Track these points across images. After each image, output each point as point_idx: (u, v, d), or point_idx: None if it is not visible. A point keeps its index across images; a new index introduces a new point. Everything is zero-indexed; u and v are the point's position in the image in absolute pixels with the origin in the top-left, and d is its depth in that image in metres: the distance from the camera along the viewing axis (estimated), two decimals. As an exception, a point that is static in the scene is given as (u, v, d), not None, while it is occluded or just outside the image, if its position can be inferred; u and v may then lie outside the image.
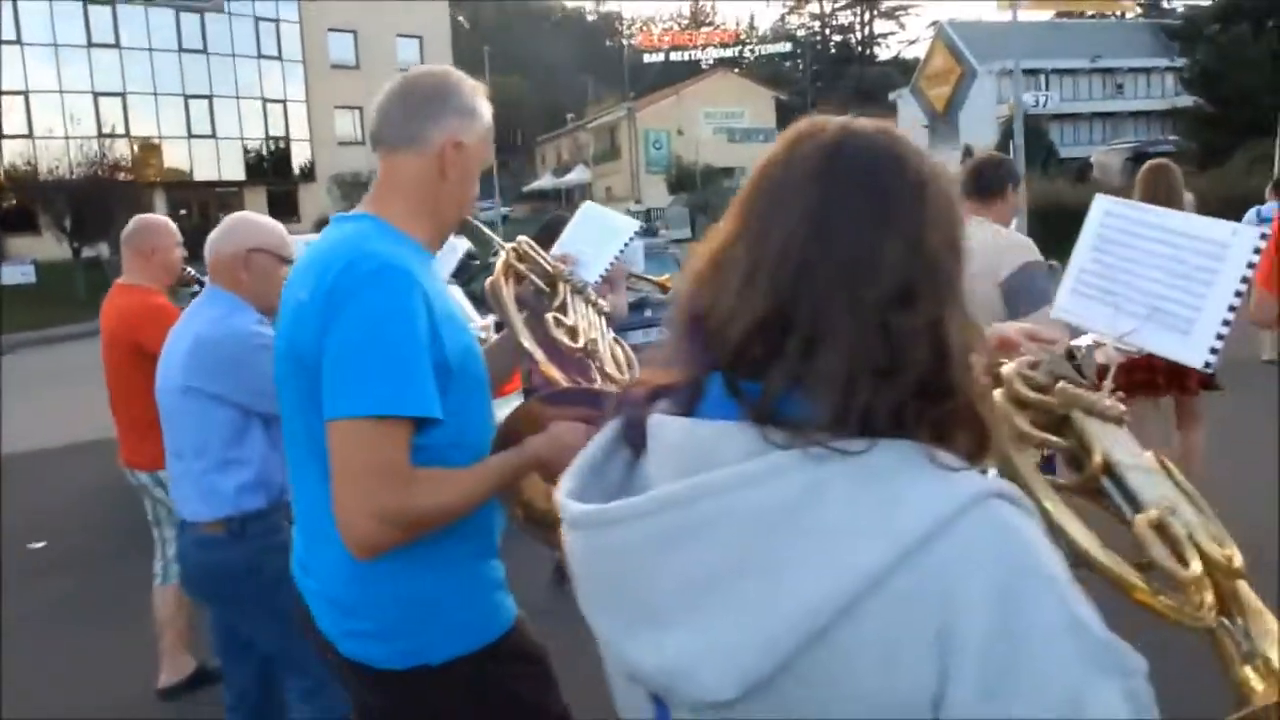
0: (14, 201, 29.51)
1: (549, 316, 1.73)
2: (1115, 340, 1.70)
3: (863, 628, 0.65)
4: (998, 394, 1.05)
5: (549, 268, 1.84)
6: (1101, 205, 2.09)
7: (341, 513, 1.35)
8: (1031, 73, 46.02)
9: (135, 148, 32.57)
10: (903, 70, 51.41)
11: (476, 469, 1.45)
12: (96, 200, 28.50)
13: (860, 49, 66.86)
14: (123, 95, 33.67)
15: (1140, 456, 1.05)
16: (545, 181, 56.85)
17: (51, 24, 32.16)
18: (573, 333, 1.75)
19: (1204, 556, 0.95)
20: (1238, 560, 0.99)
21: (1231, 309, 1.65)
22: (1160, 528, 0.95)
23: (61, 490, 7.07)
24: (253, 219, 2.61)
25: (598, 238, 2.13)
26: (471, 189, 1.56)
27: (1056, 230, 5.52)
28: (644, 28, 69.54)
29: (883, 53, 68.17)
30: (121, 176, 29.61)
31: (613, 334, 1.86)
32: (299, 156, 38.08)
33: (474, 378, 1.50)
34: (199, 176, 35.91)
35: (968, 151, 38.38)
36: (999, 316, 2.89)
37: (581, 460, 0.83)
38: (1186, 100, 34.65)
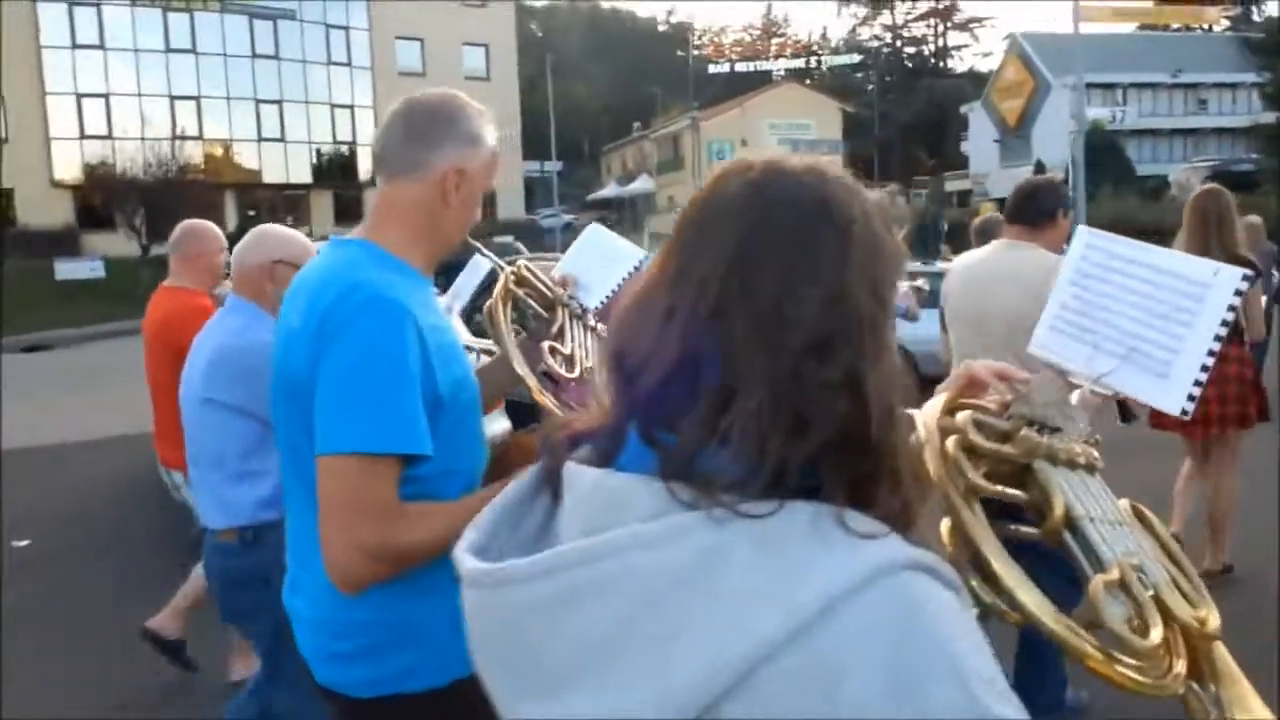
0: (93, 200, 30.62)
1: (545, 345, 1.71)
2: (1091, 382, 1.63)
3: (755, 702, 0.62)
4: (951, 442, 0.97)
5: (549, 292, 1.82)
6: (1083, 237, 1.99)
7: (327, 548, 1.36)
8: (1109, 87, 44.96)
9: (207, 150, 33.65)
10: (976, 83, 50.59)
11: (465, 501, 1.43)
12: (168, 200, 29.44)
13: (933, 61, 66.00)
14: (197, 99, 34.80)
15: (1110, 507, 0.98)
16: (609, 190, 57.19)
17: (133, 29, 33.41)
18: (569, 361, 1.72)
19: (1173, 619, 0.89)
20: (1212, 623, 0.92)
21: (1211, 354, 1.58)
22: (1122, 587, 0.89)
23: (74, 485, 7.10)
24: (278, 231, 2.66)
25: (602, 263, 2.11)
26: (472, 214, 1.55)
27: (1125, 250, 5.27)
28: (714, 38, 69.69)
29: (956, 65, 67.33)
30: (192, 178, 30.56)
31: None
32: (365, 161, 38.86)
33: (465, 406, 1.48)
34: (268, 179, 36.95)
35: (1039, 167, 37.69)
36: None
37: (491, 510, 0.80)
38: (1270, 117, 33.41)
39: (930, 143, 58.65)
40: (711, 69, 53.34)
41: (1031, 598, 0.87)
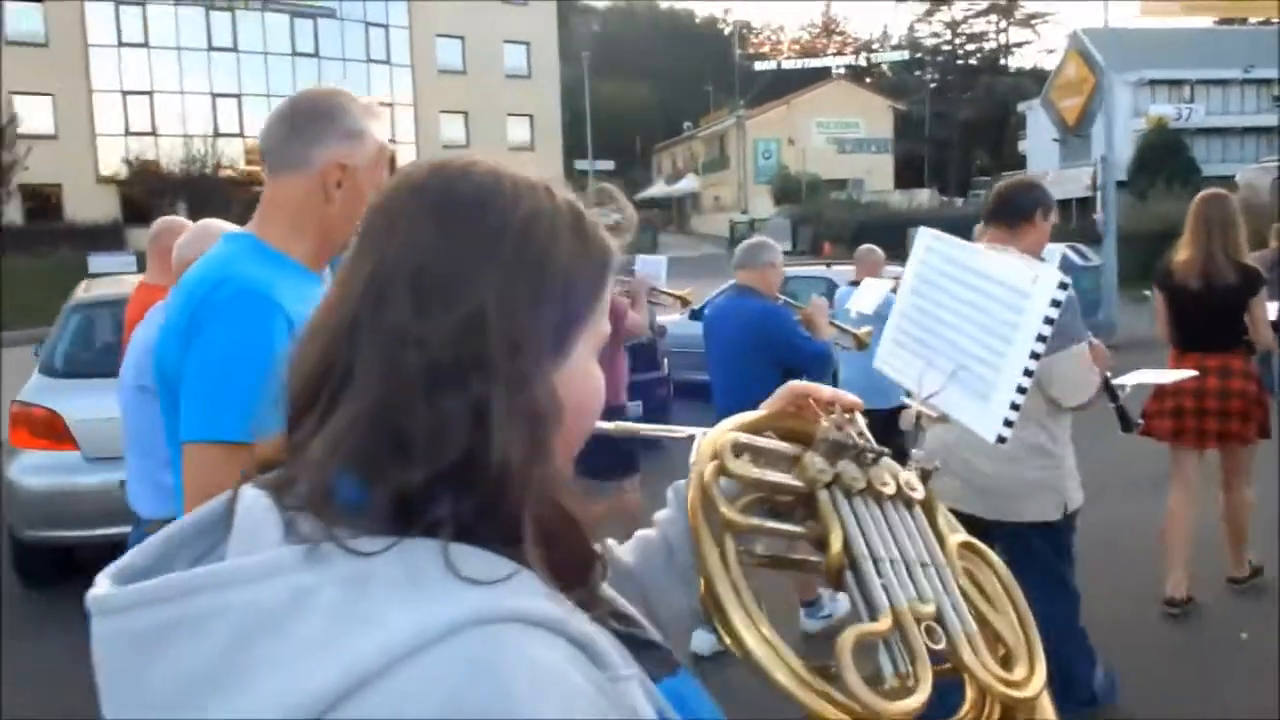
0: (137, 195, 31.47)
1: None
2: (920, 403, 1.52)
3: None
4: (708, 470, 0.85)
5: None
6: (923, 239, 1.86)
7: None
8: (1176, 83, 43.33)
9: (248, 146, 34.32)
10: (1037, 80, 49.25)
11: None
12: (207, 196, 30.10)
13: (994, 58, 64.52)
14: (238, 96, 35.54)
15: (921, 546, 0.85)
16: (656, 190, 57.18)
17: (176, 28, 34.27)
18: None
19: (972, 677, 0.80)
20: (1030, 686, 0.82)
21: (1027, 373, 1.45)
22: (901, 639, 0.79)
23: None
24: (220, 225, 2.68)
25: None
26: (362, 209, 1.41)
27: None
28: (773, 36, 69.26)
29: (1017, 62, 65.71)
30: (232, 174, 31.19)
31: None
32: (404, 159, 39.05)
33: None
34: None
35: (1100, 168, 36.35)
36: None
37: (166, 532, 0.72)
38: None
39: (991, 143, 57.32)
40: (758, 66, 52.75)
41: (759, 645, 0.77)
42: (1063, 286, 1.45)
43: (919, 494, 0.89)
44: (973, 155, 56.67)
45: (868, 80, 56.53)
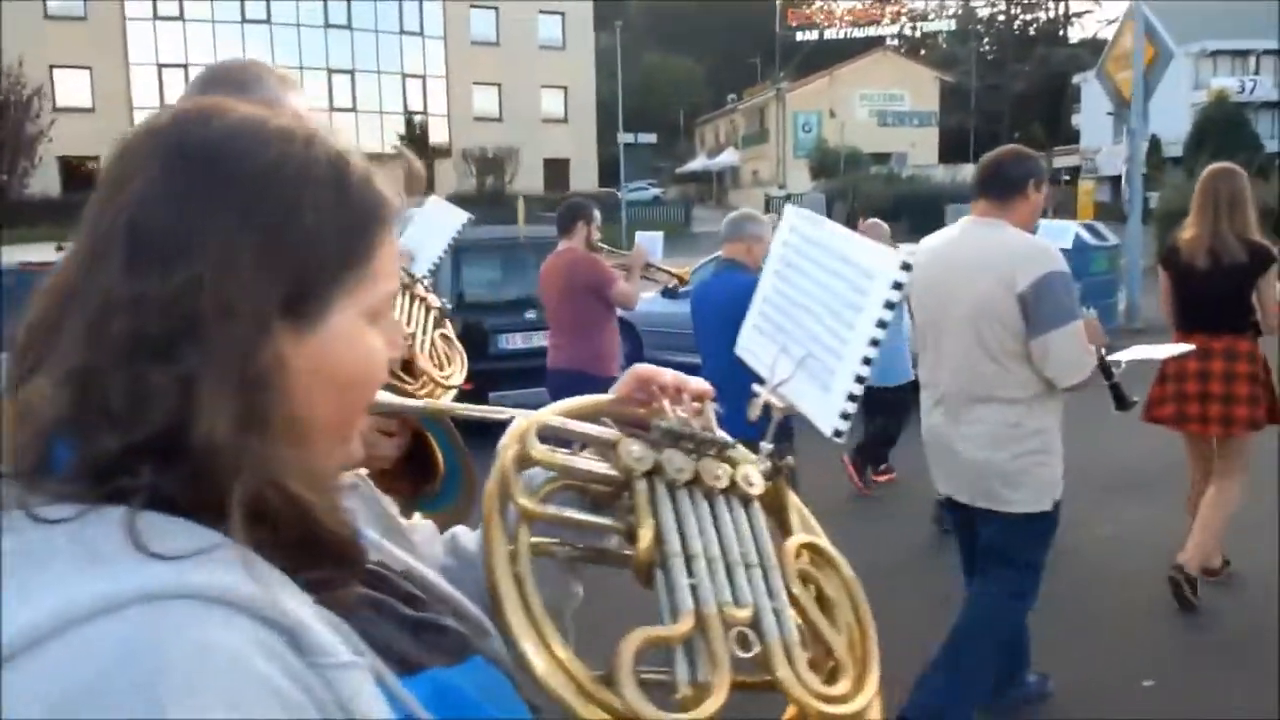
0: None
1: None
2: (769, 392, 1.44)
3: None
4: (509, 454, 0.79)
5: (407, 278, 1.85)
6: (788, 217, 1.80)
7: None
8: (1241, 54, 41.59)
9: (280, 120, 34.63)
10: (1095, 52, 47.68)
11: None
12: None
13: (1052, 28, 62.59)
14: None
15: (750, 545, 0.80)
16: (697, 164, 56.76)
17: (211, 1, 34.72)
18: None
19: (782, 689, 0.74)
20: (851, 703, 0.76)
21: (866, 361, 1.38)
22: (705, 644, 0.73)
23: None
24: None
25: (433, 230, 2.20)
26: None
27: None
28: (825, 5, 67.83)
29: (1077, 33, 63.68)
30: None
31: (440, 331, 1.82)
32: (436, 132, 39.44)
33: None
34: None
35: (1155, 144, 35.23)
36: (1018, 331, 2.78)
37: None
38: None
39: (1045, 116, 55.76)
40: (800, 37, 51.75)
41: (536, 649, 0.70)
42: (905, 268, 1.36)
43: (756, 489, 0.83)
44: (1027, 129, 55.22)
45: (921, 52, 55.25)
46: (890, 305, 1.38)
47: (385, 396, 0.84)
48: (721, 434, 0.86)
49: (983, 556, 3.03)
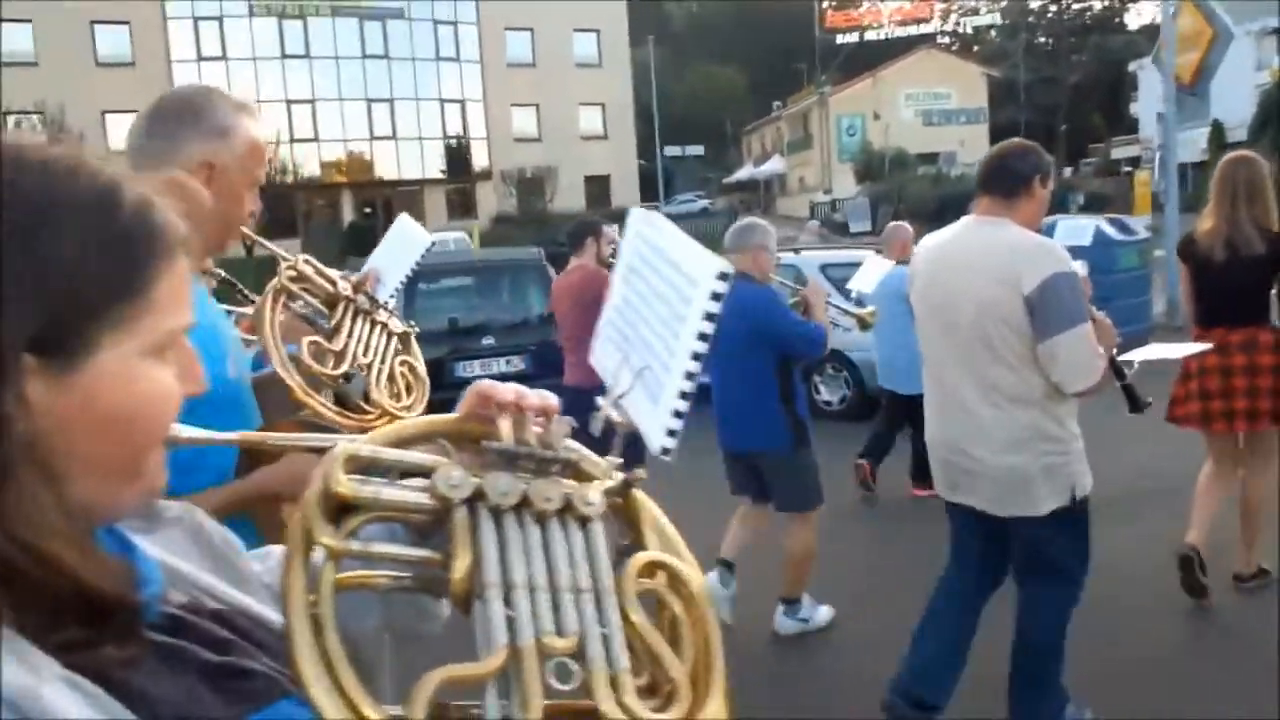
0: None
1: (305, 342, 1.70)
2: (609, 405, 1.42)
3: None
4: (313, 490, 0.76)
5: (330, 288, 1.82)
6: (633, 222, 1.76)
7: None
8: (1305, 31, 39.94)
9: (323, 150, 35.56)
10: (1152, 38, 46.31)
11: (206, 495, 1.43)
12: (285, 202, 31.21)
13: (1107, 15, 60.96)
14: (312, 102, 36.85)
15: (584, 571, 0.76)
16: (743, 173, 56.60)
17: (251, 38, 35.79)
18: (338, 358, 1.71)
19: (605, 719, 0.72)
20: None
21: (689, 375, 1.34)
22: (515, 676, 0.71)
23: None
24: None
25: (399, 253, 2.22)
26: (238, 207, 1.60)
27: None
28: (873, 6, 67.18)
29: (1134, 19, 61.88)
30: (310, 178, 32.28)
31: (402, 358, 1.81)
32: (477, 154, 39.95)
33: (215, 403, 1.49)
34: (383, 176, 38.75)
35: (1217, 129, 33.93)
36: (1025, 334, 2.71)
37: None
38: None
39: (1104, 106, 54.27)
40: (840, 40, 51.27)
41: (329, 698, 0.66)
42: (722, 277, 1.31)
43: (594, 509, 0.79)
44: (1085, 120, 53.78)
45: (975, 49, 54.23)
46: (710, 317, 1.31)
47: (186, 431, 0.80)
48: (569, 451, 0.82)
49: (1024, 565, 2.97)
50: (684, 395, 1.31)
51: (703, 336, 1.27)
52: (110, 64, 34.17)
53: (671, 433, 1.30)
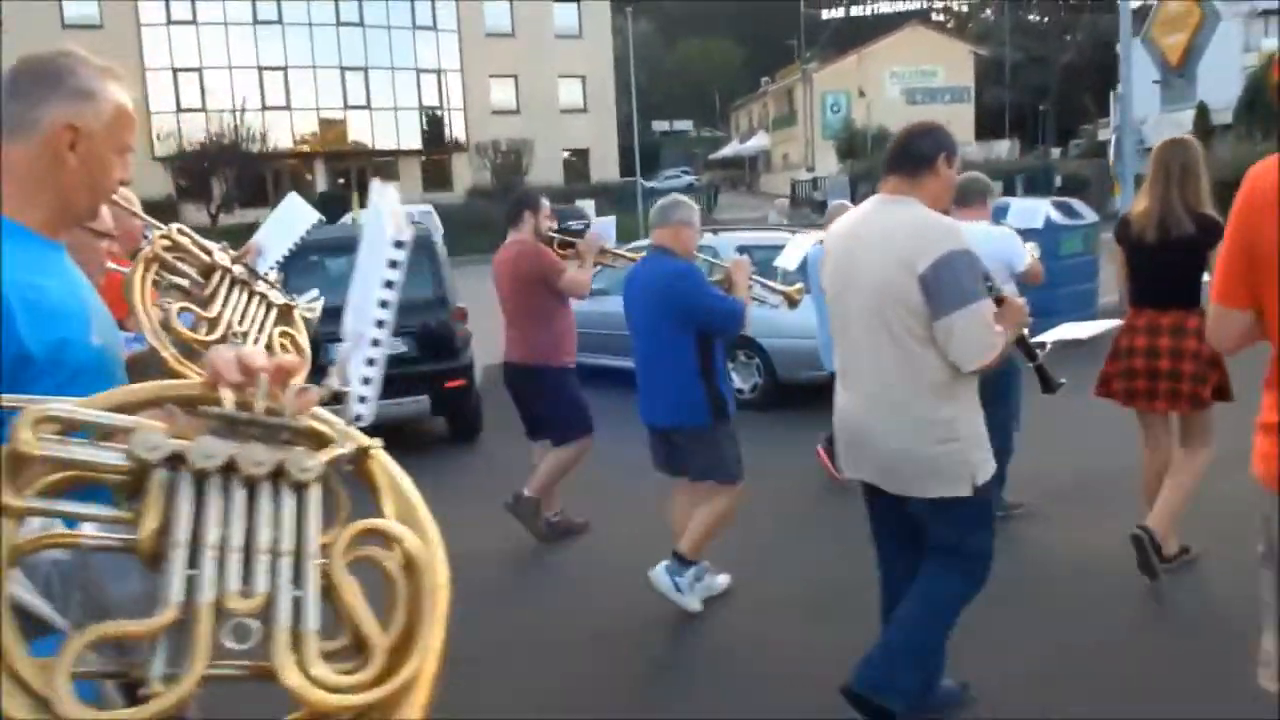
0: (189, 171, 32.72)
1: (175, 308, 1.72)
2: (337, 373, 1.39)
3: None
4: (4, 449, 0.77)
5: (204, 258, 1.85)
6: (372, 194, 1.69)
7: None
8: (1294, 13, 39.68)
9: (295, 119, 35.15)
10: (1144, 18, 45.94)
11: None
12: (258, 170, 30.84)
13: (1102, -6, 60.57)
14: (284, 69, 36.40)
15: (288, 534, 0.79)
16: (729, 149, 56.34)
17: (223, 3, 35.29)
18: (211, 324, 1.74)
19: (275, 678, 0.74)
20: (367, 693, 0.76)
21: (375, 342, 1.34)
22: (187, 633, 0.74)
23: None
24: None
25: (285, 227, 2.31)
26: (105, 174, 1.57)
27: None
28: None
29: (1130, -2, 61.34)
30: (281, 148, 31.93)
31: (282, 329, 1.84)
32: (454, 126, 39.57)
33: (76, 369, 1.51)
34: (356, 147, 38.45)
35: (1202, 111, 33.80)
36: (922, 315, 2.72)
37: None
38: None
39: (1094, 87, 53.97)
40: (825, 15, 50.88)
41: None
42: (398, 245, 1.27)
43: (310, 474, 0.80)
44: (1079, 100, 53.49)
45: (970, 26, 53.88)
46: (389, 285, 1.30)
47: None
48: (306, 418, 0.83)
49: (929, 544, 2.98)
50: (370, 362, 1.32)
51: (383, 304, 1.26)
52: (77, 25, 33.68)
53: (361, 399, 1.27)
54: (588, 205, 30.52)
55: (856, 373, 2.96)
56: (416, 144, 39.24)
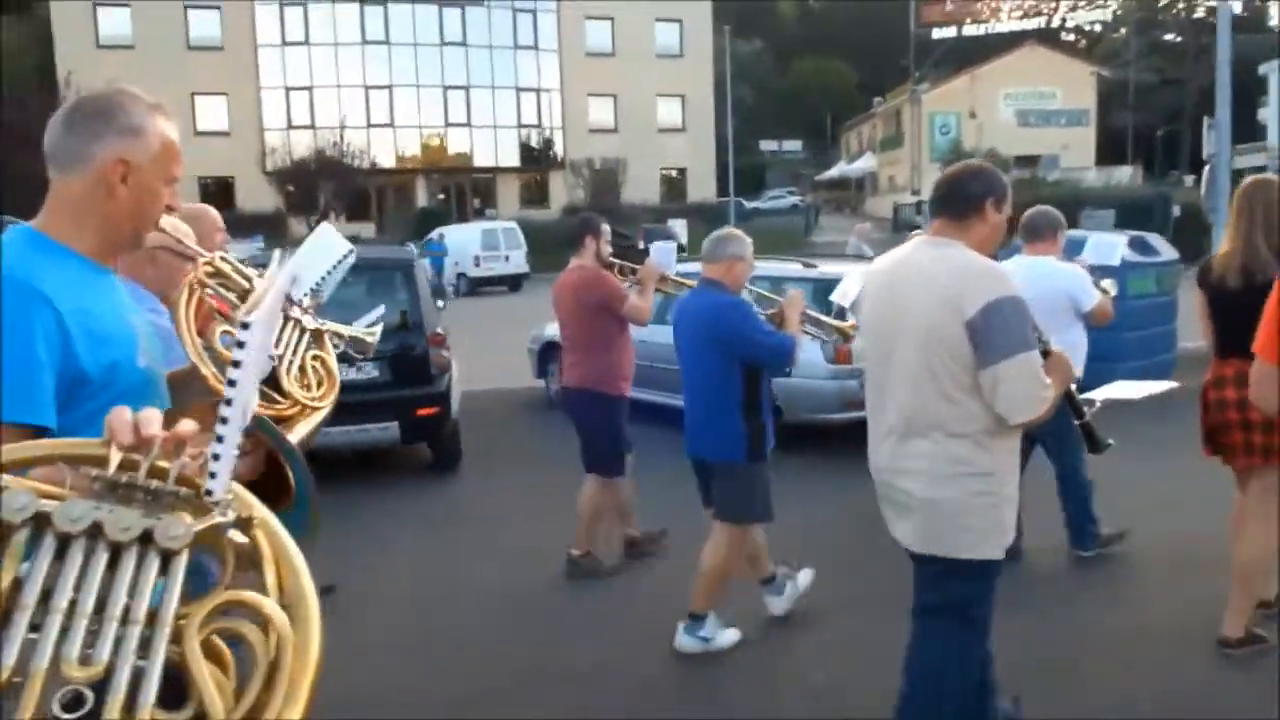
0: (298, 186, 34.21)
1: (218, 331, 1.81)
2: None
3: None
4: None
5: (245, 285, 1.96)
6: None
7: None
8: None
9: (399, 137, 36.40)
10: (1287, 38, 43.32)
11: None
12: (360, 186, 31.95)
13: (1246, 12, 57.33)
14: (389, 88, 37.83)
15: (120, 601, 0.80)
16: (835, 170, 55.62)
17: (334, 24, 37.05)
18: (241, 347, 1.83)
19: None
20: None
21: (223, 420, 1.29)
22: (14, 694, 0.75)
23: None
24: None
25: (318, 256, 2.42)
26: (153, 204, 1.70)
27: None
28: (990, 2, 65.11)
29: (1278, 17, 57.92)
30: (385, 164, 33.07)
31: (314, 353, 1.92)
32: (551, 144, 40.28)
33: (124, 390, 1.59)
34: (457, 164, 39.63)
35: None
36: (968, 363, 2.61)
37: None
38: None
39: (1236, 111, 51.00)
40: (935, 34, 49.57)
41: None
42: (244, 326, 1.10)
43: (178, 542, 0.82)
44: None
45: (1092, 46, 51.74)
46: (236, 364, 1.16)
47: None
48: (189, 486, 0.86)
49: (931, 607, 2.88)
50: (220, 439, 1.13)
51: (231, 382, 1.09)
52: (201, 47, 35.82)
53: (212, 474, 1.12)
54: (679, 225, 30.55)
55: (894, 419, 2.83)
56: (515, 161, 40.17)
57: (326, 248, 2.45)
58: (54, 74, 33.68)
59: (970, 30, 49.44)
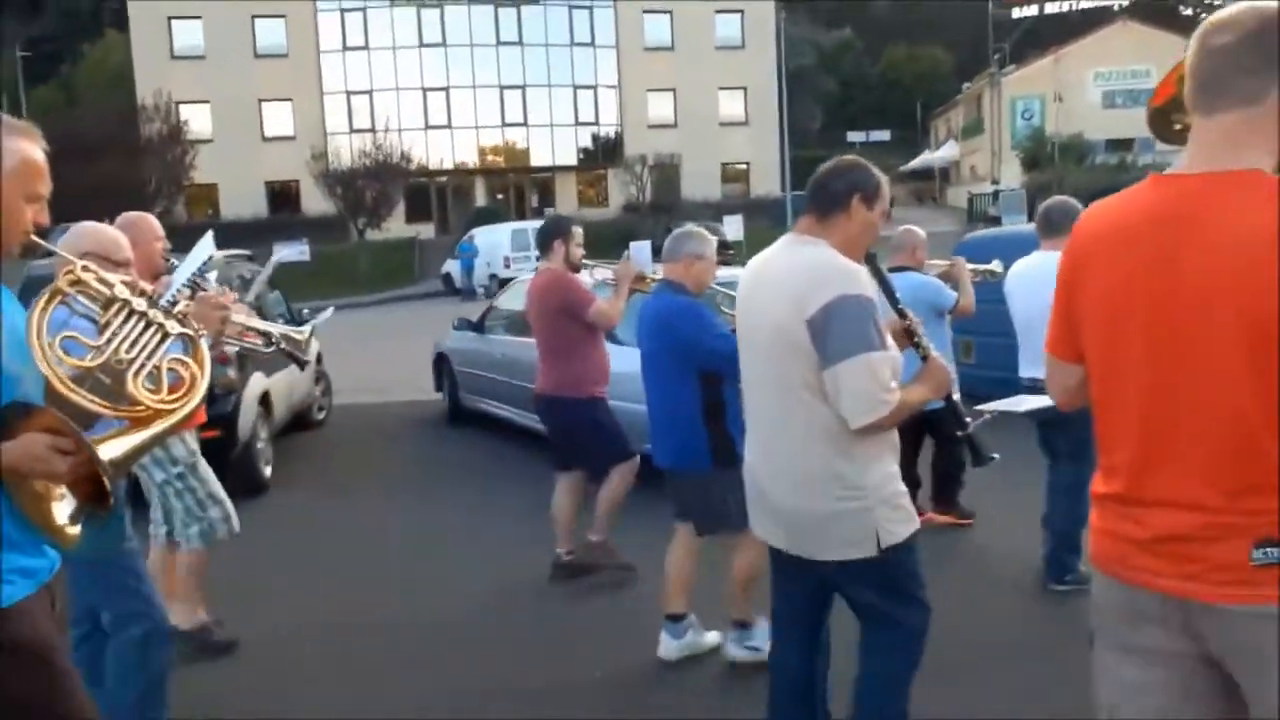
0: (359, 189, 35.19)
1: (59, 336, 1.95)
2: None
3: None
4: None
5: (107, 291, 2.07)
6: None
7: None
8: None
9: (456, 138, 37.05)
10: None
11: None
12: (419, 186, 32.35)
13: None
14: (446, 90, 38.52)
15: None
16: (919, 160, 54.15)
17: (392, 28, 38.03)
18: (97, 352, 1.97)
19: None
20: None
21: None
22: None
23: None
24: (91, 228, 3.17)
25: (191, 262, 2.70)
26: (13, 218, 1.88)
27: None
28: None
29: None
30: (443, 165, 33.60)
31: (174, 357, 2.06)
32: (609, 141, 40.38)
33: None
34: (514, 164, 40.23)
35: None
36: (812, 362, 2.56)
37: None
38: None
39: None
40: (1015, 14, 47.63)
41: None
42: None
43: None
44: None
45: (1204, 16, 48.96)
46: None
47: None
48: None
49: (857, 613, 2.83)
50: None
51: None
52: (267, 55, 37.25)
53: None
54: (733, 221, 29.99)
55: (755, 423, 2.83)
56: (572, 160, 40.52)
57: (200, 252, 2.75)
58: (132, 85, 35.64)
59: (1052, 7, 47.42)
